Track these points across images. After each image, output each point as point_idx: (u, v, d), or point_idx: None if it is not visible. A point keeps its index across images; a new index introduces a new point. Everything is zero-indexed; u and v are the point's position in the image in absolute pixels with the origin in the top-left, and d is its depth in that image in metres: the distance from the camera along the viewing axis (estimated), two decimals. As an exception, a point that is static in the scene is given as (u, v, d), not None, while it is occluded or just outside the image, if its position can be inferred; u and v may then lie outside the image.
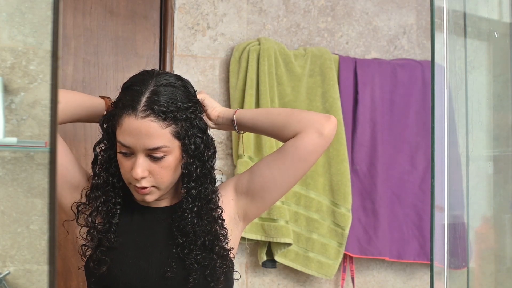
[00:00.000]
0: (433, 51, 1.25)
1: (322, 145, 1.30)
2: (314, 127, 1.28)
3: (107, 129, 1.26)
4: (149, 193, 1.24)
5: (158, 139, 1.20)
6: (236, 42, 2.30)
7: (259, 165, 1.33)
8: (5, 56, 1.35)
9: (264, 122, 1.33)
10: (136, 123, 1.19)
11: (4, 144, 1.32)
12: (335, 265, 2.26)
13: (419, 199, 2.40)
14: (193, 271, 1.23)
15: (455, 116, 1.36)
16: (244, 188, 1.34)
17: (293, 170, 1.30)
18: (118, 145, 1.23)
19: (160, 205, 1.32)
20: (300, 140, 1.29)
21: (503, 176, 1.48)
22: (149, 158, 1.21)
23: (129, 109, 1.20)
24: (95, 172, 1.28)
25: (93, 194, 1.27)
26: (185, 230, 1.26)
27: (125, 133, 1.20)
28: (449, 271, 1.26)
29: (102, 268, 1.23)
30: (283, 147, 1.31)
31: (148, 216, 1.31)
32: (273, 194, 1.33)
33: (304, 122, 1.29)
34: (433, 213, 1.26)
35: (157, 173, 1.22)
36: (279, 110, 1.37)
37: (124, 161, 1.23)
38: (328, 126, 1.29)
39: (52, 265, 0.75)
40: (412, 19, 2.56)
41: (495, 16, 1.47)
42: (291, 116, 1.32)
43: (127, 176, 1.24)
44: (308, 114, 1.32)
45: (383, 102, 2.39)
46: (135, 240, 1.28)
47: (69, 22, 2.10)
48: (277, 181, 1.31)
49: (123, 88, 1.26)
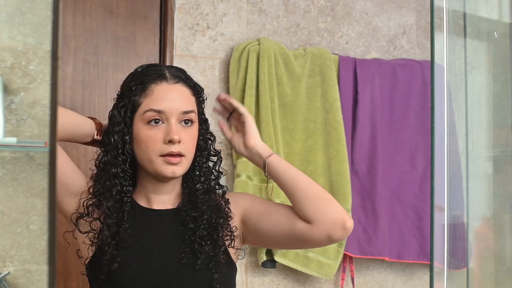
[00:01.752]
0: (433, 51, 1.25)
1: (325, 244, 1.32)
2: (328, 229, 1.25)
3: (123, 114, 1.27)
4: (180, 162, 1.25)
5: (190, 103, 1.28)
6: (236, 42, 2.30)
7: (267, 217, 1.31)
8: (5, 56, 1.34)
9: (292, 183, 1.30)
10: (170, 87, 1.27)
11: (3, 144, 1.32)
12: (335, 265, 2.25)
13: (419, 199, 2.39)
14: (202, 254, 1.25)
15: (455, 116, 1.36)
16: (250, 224, 1.34)
17: (295, 246, 1.52)
18: (147, 116, 1.25)
19: (164, 207, 1.33)
20: (310, 234, 1.26)
21: (503, 176, 1.48)
22: (180, 125, 1.26)
23: (158, 78, 1.27)
24: (109, 161, 1.27)
25: (107, 182, 1.26)
26: (195, 215, 1.28)
27: (158, 99, 1.25)
28: (449, 271, 1.26)
29: (115, 264, 1.23)
30: (295, 224, 1.28)
31: (151, 218, 1.31)
32: (270, 245, 1.56)
33: (323, 217, 1.25)
34: (433, 213, 1.26)
35: (187, 141, 1.26)
36: (312, 183, 1.31)
37: (153, 133, 1.24)
38: (340, 232, 1.26)
39: (52, 265, 0.75)
40: (412, 19, 2.56)
41: (495, 16, 1.47)
42: (316, 198, 1.27)
43: (158, 147, 1.24)
44: (331, 207, 1.27)
45: (383, 102, 2.39)
46: (139, 241, 1.28)
47: (69, 22, 2.10)
48: (278, 243, 1.40)
49: (134, 74, 1.31)
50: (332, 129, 2.26)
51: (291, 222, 1.28)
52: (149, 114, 1.25)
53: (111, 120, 1.29)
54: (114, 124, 1.27)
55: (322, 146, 2.27)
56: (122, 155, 1.27)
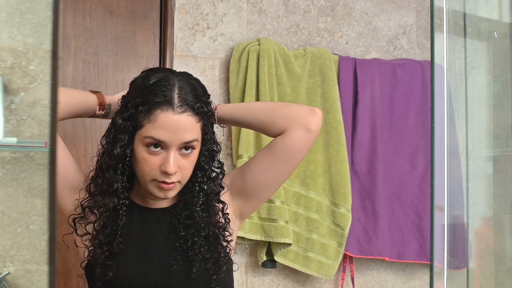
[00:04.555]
0: (433, 51, 1.25)
1: (310, 140, 1.31)
2: (300, 124, 1.29)
3: (126, 127, 1.23)
4: (174, 188, 1.24)
5: (193, 132, 1.23)
6: (236, 42, 2.30)
7: (249, 166, 1.34)
8: (5, 56, 1.35)
9: (246, 118, 1.34)
10: (174, 118, 1.20)
11: (4, 144, 1.32)
12: (335, 265, 2.25)
13: (419, 199, 2.39)
14: (196, 262, 1.24)
15: (455, 116, 1.36)
16: (237, 189, 1.35)
17: (284, 167, 1.32)
18: (146, 141, 1.21)
19: (160, 205, 1.32)
20: (288, 138, 1.29)
21: (503, 176, 1.48)
22: (179, 153, 1.23)
23: (165, 104, 1.20)
24: (107, 176, 1.25)
25: (103, 198, 1.24)
26: (188, 223, 1.27)
27: (160, 128, 1.20)
28: (449, 271, 1.26)
29: (109, 274, 1.22)
30: (272, 146, 1.31)
31: (148, 217, 1.31)
32: (266, 191, 1.35)
33: (289, 119, 1.29)
34: (433, 213, 1.26)
35: (185, 168, 1.24)
36: (262, 105, 1.39)
37: (150, 158, 1.22)
38: (314, 120, 1.30)
39: (52, 265, 0.75)
40: (412, 19, 2.56)
41: (495, 16, 1.47)
42: (274, 112, 1.32)
43: (153, 173, 1.22)
44: (292, 108, 1.33)
45: (383, 102, 2.39)
46: (137, 242, 1.27)
47: (69, 22, 2.10)
48: (269, 179, 1.33)
49: (144, 86, 1.24)
50: (332, 129, 2.26)
51: (267, 149, 1.32)
52: (148, 140, 1.21)
53: (115, 127, 1.25)
54: (117, 135, 1.24)
55: (322, 146, 2.27)
56: (122, 167, 1.25)
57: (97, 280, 1.24)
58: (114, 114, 1.29)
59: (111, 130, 1.26)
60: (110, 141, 1.25)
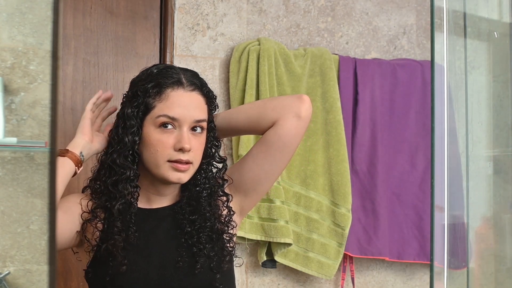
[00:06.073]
0: (433, 51, 1.25)
1: (302, 127, 1.33)
2: (291, 112, 1.31)
3: (135, 114, 1.25)
4: (187, 170, 1.25)
5: (203, 112, 1.27)
6: (236, 42, 2.30)
7: (246, 160, 1.36)
8: (5, 56, 1.35)
9: (238, 120, 1.36)
10: (185, 95, 1.25)
11: (4, 144, 1.32)
12: (335, 265, 2.26)
13: (419, 199, 2.39)
14: (201, 258, 1.25)
15: (455, 116, 1.36)
16: (236, 186, 1.36)
17: (280, 157, 1.33)
18: (159, 120, 1.23)
19: (162, 205, 1.32)
20: (280, 127, 1.31)
21: (503, 176, 1.48)
22: (190, 132, 1.25)
23: (175, 83, 1.25)
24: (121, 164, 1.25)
25: (120, 186, 1.24)
26: (193, 218, 1.28)
27: (173, 105, 1.24)
28: (449, 271, 1.26)
29: (122, 268, 1.22)
30: (265, 138, 1.32)
31: (151, 216, 1.31)
32: (264, 184, 1.37)
33: (279, 109, 1.31)
34: (433, 213, 1.26)
35: (196, 148, 1.26)
36: (250, 104, 1.42)
37: (164, 137, 1.23)
38: (303, 106, 1.32)
39: (52, 265, 0.75)
40: (412, 19, 2.56)
41: (495, 16, 1.47)
42: (264, 107, 1.34)
43: (167, 152, 1.23)
44: (280, 100, 1.35)
45: (383, 102, 2.39)
46: (142, 240, 1.27)
47: (69, 22, 2.10)
48: (267, 172, 1.34)
49: (151, 74, 1.28)
50: (332, 129, 2.26)
51: (261, 141, 1.33)
52: (162, 119, 1.23)
53: (123, 119, 1.26)
54: (127, 123, 1.25)
55: (322, 146, 2.27)
56: (132, 155, 1.26)
57: (106, 275, 1.23)
58: (121, 108, 1.30)
59: (119, 122, 1.28)
60: (119, 132, 1.26)
